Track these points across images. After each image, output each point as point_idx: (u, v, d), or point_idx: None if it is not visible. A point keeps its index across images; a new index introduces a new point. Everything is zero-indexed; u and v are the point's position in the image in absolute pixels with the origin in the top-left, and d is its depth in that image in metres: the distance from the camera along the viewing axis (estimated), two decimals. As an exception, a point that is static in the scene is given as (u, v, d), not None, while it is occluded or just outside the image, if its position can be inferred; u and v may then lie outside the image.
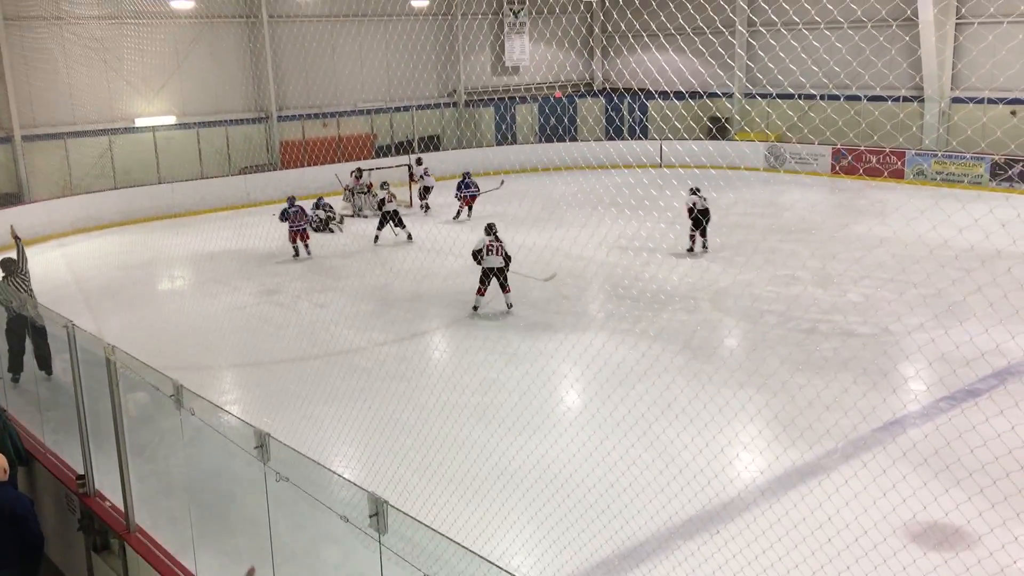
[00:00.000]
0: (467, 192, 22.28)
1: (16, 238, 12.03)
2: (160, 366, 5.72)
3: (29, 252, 18.84)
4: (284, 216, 18.91)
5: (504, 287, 14.21)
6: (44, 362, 8.72)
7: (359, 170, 23.39)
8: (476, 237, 14.74)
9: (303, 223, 18.95)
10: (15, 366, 9.49)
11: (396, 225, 19.70)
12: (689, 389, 10.10)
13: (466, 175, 22.66)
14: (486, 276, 14.12)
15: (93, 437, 6.44)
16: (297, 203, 19.09)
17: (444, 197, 23.48)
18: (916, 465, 8.01)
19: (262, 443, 4.48)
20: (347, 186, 23.37)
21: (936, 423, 9.26)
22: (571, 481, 8.19)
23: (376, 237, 19.88)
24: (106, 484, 6.36)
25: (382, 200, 19.90)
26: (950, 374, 10.21)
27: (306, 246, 18.84)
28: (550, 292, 15.19)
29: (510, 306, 14.32)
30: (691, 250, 17.65)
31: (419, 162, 23.79)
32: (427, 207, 23.19)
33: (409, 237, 19.87)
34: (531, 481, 8.23)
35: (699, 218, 17.47)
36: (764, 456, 8.76)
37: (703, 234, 17.61)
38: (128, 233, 21.62)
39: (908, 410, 9.78)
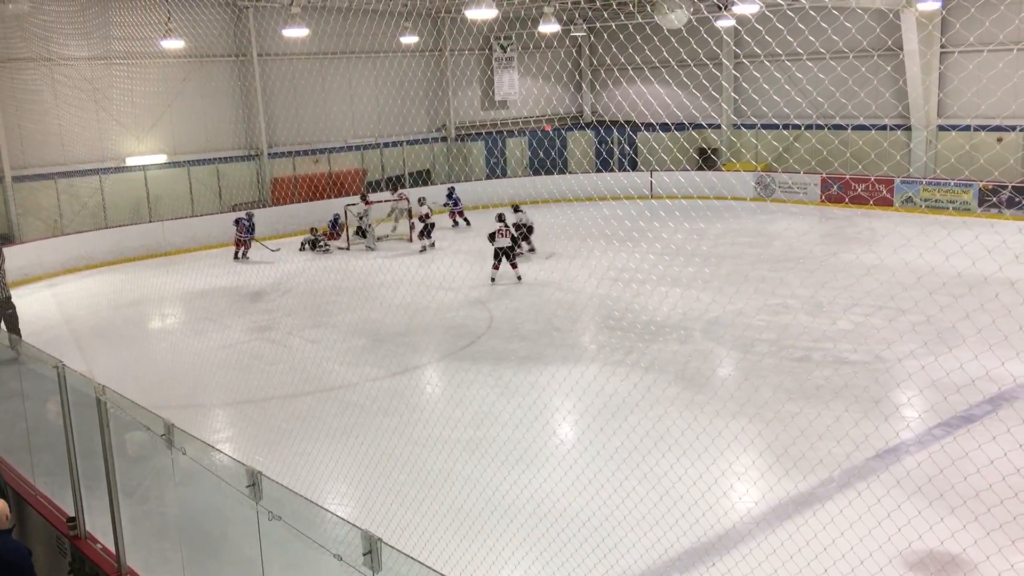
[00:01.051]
0: (456, 208, 25.79)
1: None
2: (151, 405, 5.70)
3: (20, 291, 18.86)
4: (237, 222, 22.50)
5: (513, 264, 18.06)
6: (12, 324, 9.47)
7: (364, 195, 24.32)
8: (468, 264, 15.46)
9: (246, 235, 22.37)
10: None
11: (427, 236, 22.64)
12: (682, 420, 10.09)
13: (451, 190, 26.06)
14: (496, 255, 18.00)
15: (84, 479, 6.39)
16: (253, 220, 22.63)
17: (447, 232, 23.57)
18: (910, 493, 8.00)
19: (254, 482, 4.46)
20: (359, 213, 23.52)
21: (929, 451, 9.27)
22: (566, 515, 8.16)
23: (423, 248, 22.48)
24: (97, 526, 6.31)
25: (425, 215, 22.52)
26: (941, 401, 10.25)
27: (245, 254, 22.47)
28: (542, 324, 15.21)
29: (519, 278, 18.04)
30: (519, 255, 20.53)
31: (421, 201, 23.93)
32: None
33: (432, 245, 22.73)
34: (526, 515, 8.19)
35: (525, 234, 20.80)
36: (758, 486, 8.75)
37: (528, 241, 21.01)
38: (119, 272, 21.60)
39: (901, 438, 9.79)
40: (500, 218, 18.30)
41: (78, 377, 6.40)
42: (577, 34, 32.44)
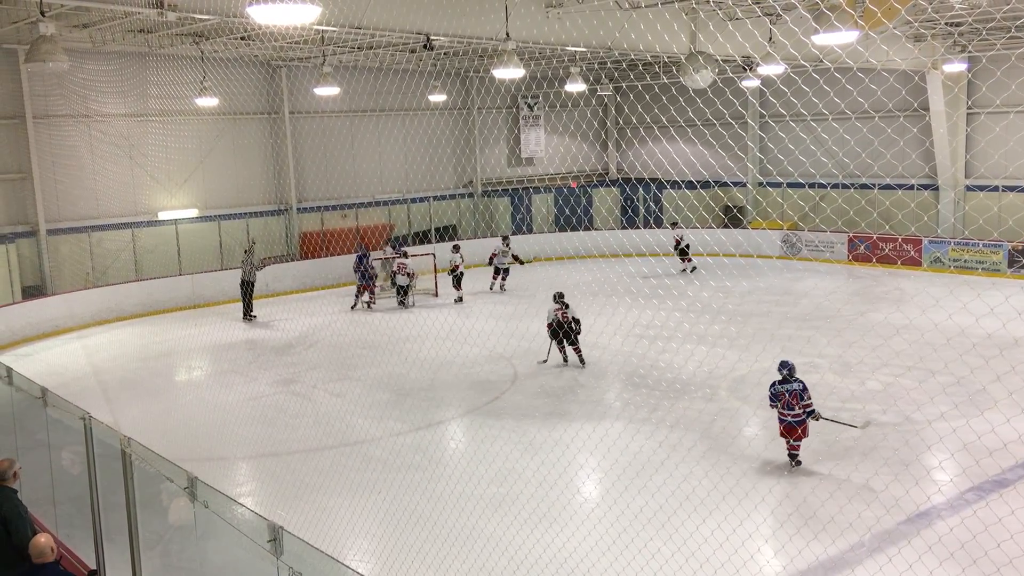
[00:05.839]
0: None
1: None
2: (175, 458, 5.72)
3: (50, 343, 19.18)
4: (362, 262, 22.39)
5: (576, 348, 16.06)
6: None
7: (403, 251, 23.42)
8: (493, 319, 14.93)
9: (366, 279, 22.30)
10: None
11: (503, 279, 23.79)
12: (708, 480, 9.95)
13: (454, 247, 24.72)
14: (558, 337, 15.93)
15: (106, 531, 6.39)
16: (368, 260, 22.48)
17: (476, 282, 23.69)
18: (943, 559, 7.81)
19: (275, 536, 4.45)
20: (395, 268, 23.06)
21: (962, 516, 9.06)
22: (590, 575, 8.02)
23: (492, 285, 23.90)
24: (118, 579, 6.29)
25: (511, 253, 23.75)
26: (973, 465, 10.04)
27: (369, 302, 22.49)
28: (567, 380, 15.14)
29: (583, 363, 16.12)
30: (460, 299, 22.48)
31: (455, 249, 23.62)
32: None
33: (502, 288, 23.87)
34: (549, 575, 8.07)
35: (459, 276, 22.55)
36: (787, 549, 8.57)
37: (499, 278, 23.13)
38: (148, 324, 21.81)
39: (932, 502, 9.59)
40: (559, 298, 16.03)
41: (104, 428, 6.44)
42: (603, 93, 32.83)
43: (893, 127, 25.68)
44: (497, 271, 24.04)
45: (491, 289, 23.99)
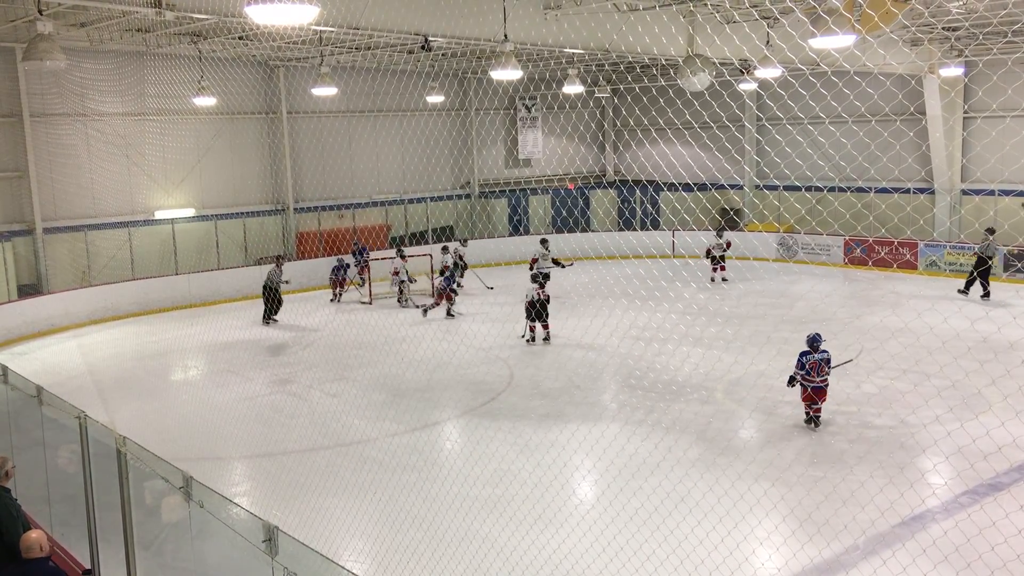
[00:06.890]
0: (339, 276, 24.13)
1: None
2: (170, 457, 5.72)
3: (44, 342, 19.15)
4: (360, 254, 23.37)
5: (544, 324, 17.66)
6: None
7: (400, 251, 22.97)
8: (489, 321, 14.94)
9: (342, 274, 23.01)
10: None
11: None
12: (703, 482, 9.97)
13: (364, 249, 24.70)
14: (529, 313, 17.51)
15: (100, 530, 6.39)
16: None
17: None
18: (937, 562, 7.83)
19: (270, 536, 4.45)
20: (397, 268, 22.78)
21: (956, 519, 9.08)
22: (584, 577, 8.03)
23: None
24: (112, 579, 6.28)
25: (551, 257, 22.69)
26: (968, 468, 10.07)
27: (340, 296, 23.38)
28: (563, 382, 15.16)
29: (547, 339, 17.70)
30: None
31: (444, 250, 23.56)
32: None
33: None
34: (543, 577, 8.07)
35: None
36: (781, 552, 8.58)
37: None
38: (143, 323, 21.79)
39: (927, 505, 9.61)
40: (535, 279, 17.75)
41: (99, 428, 6.44)
42: (601, 95, 32.87)
43: (890, 131, 25.75)
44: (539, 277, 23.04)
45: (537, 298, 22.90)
